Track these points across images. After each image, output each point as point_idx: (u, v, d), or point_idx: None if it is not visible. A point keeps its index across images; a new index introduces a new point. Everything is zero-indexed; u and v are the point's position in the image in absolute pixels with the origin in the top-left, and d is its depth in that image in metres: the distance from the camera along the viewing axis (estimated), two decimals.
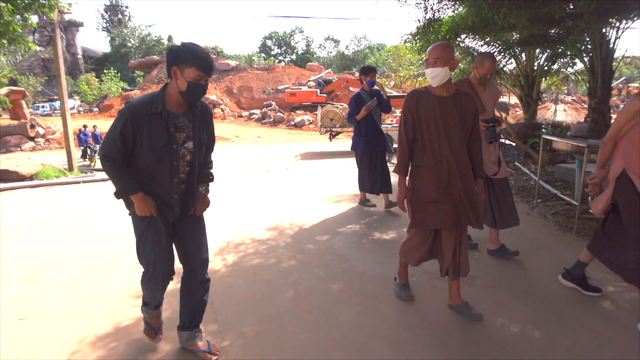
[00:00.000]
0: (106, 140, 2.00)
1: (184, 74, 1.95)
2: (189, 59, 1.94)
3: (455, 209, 2.49)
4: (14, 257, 3.99)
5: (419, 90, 2.57)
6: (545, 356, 2.22)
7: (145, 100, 2.00)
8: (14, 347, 2.41)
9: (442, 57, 2.40)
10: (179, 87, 1.98)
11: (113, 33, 50.18)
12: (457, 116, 2.47)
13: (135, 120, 1.95)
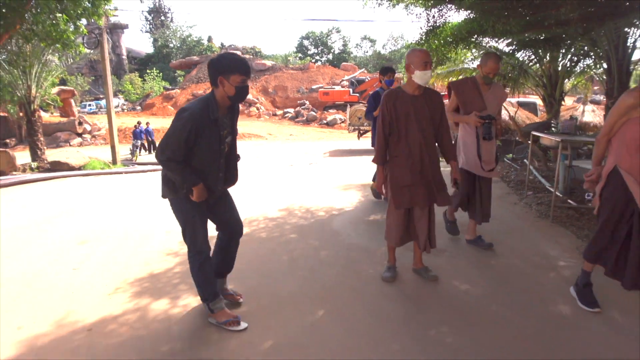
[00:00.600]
0: (170, 144, 2.32)
1: (230, 81, 2.33)
2: (232, 67, 2.33)
3: (428, 189, 3.00)
4: (67, 228, 4.91)
5: (395, 91, 3.05)
6: (480, 307, 2.79)
7: (204, 107, 2.35)
8: (69, 289, 3.24)
9: (429, 61, 2.89)
10: (227, 93, 2.36)
11: (156, 34, 52.77)
12: (428, 111, 2.98)
13: (198, 127, 2.32)
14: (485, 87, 3.53)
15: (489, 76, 3.47)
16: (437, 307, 2.83)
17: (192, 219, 2.53)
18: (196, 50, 49.20)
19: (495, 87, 3.61)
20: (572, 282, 2.95)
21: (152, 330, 2.61)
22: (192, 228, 2.54)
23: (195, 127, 2.30)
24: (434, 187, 3.01)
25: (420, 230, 3.09)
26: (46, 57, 11.81)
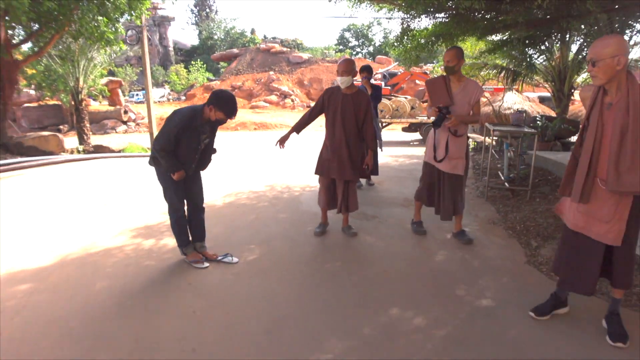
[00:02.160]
0: (163, 138, 3.17)
1: (215, 113, 3.15)
2: (222, 106, 3.13)
3: (341, 166, 3.98)
4: (99, 194, 6.35)
5: (332, 88, 4.06)
6: (371, 253, 3.82)
7: (191, 115, 3.17)
8: (94, 231, 4.58)
9: (347, 70, 3.77)
10: (210, 117, 3.19)
11: (201, 27, 55.39)
12: (352, 107, 3.92)
13: (183, 128, 3.16)
14: (457, 84, 3.71)
15: (449, 66, 3.65)
16: (344, 251, 3.90)
17: (170, 186, 3.41)
18: (239, 43, 51.22)
19: (469, 83, 3.73)
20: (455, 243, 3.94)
21: (139, 255, 3.88)
22: (170, 192, 3.44)
23: (182, 128, 3.15)
24: (347, 165, 3.97)
25: (338, 196, 4.13)
26: (92, 53, 13.60)
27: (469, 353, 2.39)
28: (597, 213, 2.40)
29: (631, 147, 2.20)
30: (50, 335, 2.68)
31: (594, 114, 2.37)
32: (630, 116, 2.19)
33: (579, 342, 2.48)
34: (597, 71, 2.22)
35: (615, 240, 2.34)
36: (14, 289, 3.30)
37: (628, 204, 2.29)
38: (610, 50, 2.16)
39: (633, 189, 2.21)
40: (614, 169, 2.24)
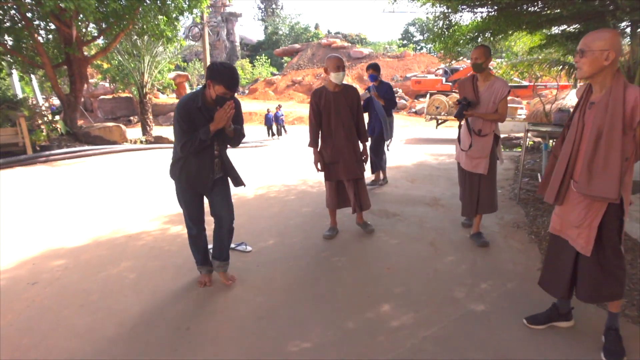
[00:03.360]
0: (177, 135, 2.75)
1: (214, 89, 2.64)
2: (219, 79, 2.61)
3: (347, 166, 3.95)
4: (143, 181, 6.85)
5: (319, 90, 3.87)
6: (389, 254, 3.84)
7: (191, 98, 2.73)
8: (128, 214, 5.00)
9: (341, 64, 3.81)
10: (211, 96, 2.71)
11: (267, 22, 56.84)
12: (346, 103, 3.90)
13: (187, 113, 2.68)
14: (484, 83, 3.65)
15: (477, 63, 3.56)
16: (353, 247, 3.96)
17: (182, 204, 3.06)
18: (303, 38, 51.98)
19: (496, 82, 3.62)
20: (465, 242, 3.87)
21: (163, 240, 4.20)
22: (184, 210, 3.08)
23: (186, 114, 2.69)
24: (353, 163, 3.95)
25: (349, 196, 4.10)
26: (156, 49, 14.53)
27: (445, 354, 2.38)
28: (568, 216, 2.31)
29: (604, 149, 2.08)
30: (71, 306, 3.03)
31: (577, 112, 2.27)
32: (607, 117, 2.08)
33: (570, 355, 2.37)
34: (583, 62, 2.11)
35: (585, 249, 2.23)
36: (50, 264, 3.74)
37: (599, 211, 2.17)
38: (602, 43, 2.05)
39: (603, 194, 2.10)
40: (587, 171, 2.14)
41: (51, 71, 9.80)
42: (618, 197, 2.12)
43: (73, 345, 2.56)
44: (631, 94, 2.05)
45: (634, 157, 2.17)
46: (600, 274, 2.28)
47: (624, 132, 2.08)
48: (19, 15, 8.94)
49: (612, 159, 2.09)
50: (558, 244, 2.48)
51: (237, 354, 2.44)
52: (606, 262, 2.27)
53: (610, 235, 2.23)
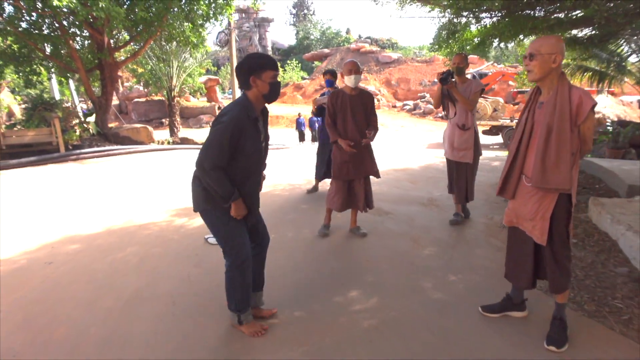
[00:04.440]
0: (212, 152, 2.27)
1: (263, 78, 2.35)
2: (263, 64, 2.36)
3: (360, 165, 4.19)
4: (160, 178, 7.34)
5: (337, 92, 4.26)
6: (371, 248, 4.10)
7: (242, 109, 2.34)
8: (146, 206, 5.46)
9: (355, 68, 4.02)
10: (261, 92, 2.37)
11: (298, 27, 57.73)
12: (360, 106, 4.17)
13: (240, 128, 2.29)
14: (462, 84, 4.31)
15: (459, 67, 4.26)
16: (340, 241, 4.23)
17: (229, 224, 2.49)
18: (334, 42, 52.49)
19: (472, 82, 4.33)
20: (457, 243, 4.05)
21: (168, 230, 4.61)
22: (231, 235, 2.51)
23: (238, 129, 2.29)
24: (367, 161, 4.20)
25: (359, 197, 4.28)
26: (184, 55, 15.24)
27: (396, 333, 2.63)
28: (521, 209, 2.51)
29: (555, 145, 2.28)
30: (79, 282, 3.45)
31: (526, 112, 2.48)
32: (556, 115, 2.28)
33: (515, 342, 2.55)
34: (533, 65, 2.32)
35: (540, 239, 2.42)
36: (66, 247, 4.21)
37: (551, 203, 2.36)
38: (550, 47, 2.26)
39: (556, 186, 2.30)
40: (540, 166, 2.33)
41: (84, 75, 10.55)
42: (571, 188, 2.33)
43: (75, 313, 2.97)
44: (575, 94, 2.27)
45: (578, 153, 2.38)
46: (554, 263, 2.48)
47: (571, 128, 2.29)
48: (56, 24, 9.70)
49: (563, 153, 2.29)
50: (517, 236, 2.67)
51: (214, 327, 2.77)
52: (557, 252, 2.46)
53: (559, 227, 2.43)
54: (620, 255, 3.68)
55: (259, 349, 2.52)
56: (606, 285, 3.20)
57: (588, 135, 2.30)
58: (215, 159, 2.28)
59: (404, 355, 2.43)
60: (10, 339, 2.68)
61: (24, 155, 8.88)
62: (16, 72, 10.39)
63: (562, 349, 2.46)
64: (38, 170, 8.23)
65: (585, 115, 2.22)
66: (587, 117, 2.24)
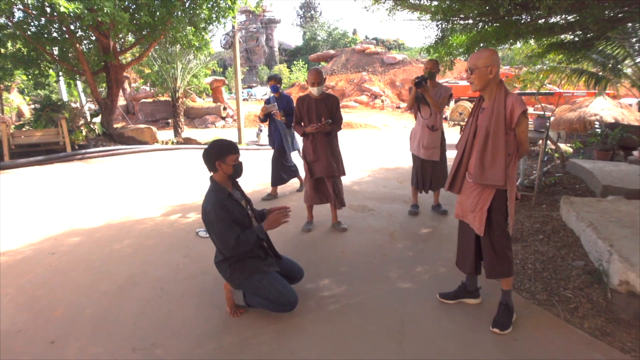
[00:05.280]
0: (224, 236, 2.70)
1: (227, 162, 2.77)
2: (226, 151, 2.77)
3: (326, 164, 4.49)
4: (160, 177, 7.70)
5: (303, 97, 4.44)
6: (349, 241, 4.40)
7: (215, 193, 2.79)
8: (144, 203, 5.81)
9: (318, 80, 4.34)
10: (226, 173, 2.81)
11: (305, 28, 58.13)
12: (325, 108, 4.44)
13: (223, 209, 2.71)
14: (433, 88, 4.73)
15: (432, 72, 4.65)
16: (321, 234, 4.53)
17: (265, 280, 2.89)
18: (341, 43, 52.78)
19: (441, 87, 4.79)
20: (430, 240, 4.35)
21: (163, 225, 4.96)
22: (274, 288, 2.85)
23: (222, 209, 2.72)
24: (331, 162, 4.50)
25: (329, 194, 4.62)
26: (188, 57, 15.63)
27: (357, 317, 2.93)
28: (465, 202, 2.81)
29: (492, 146, 2.58)
30: (78, 269, 3.81)
31: (471, 117, 2.78)
32: (492, 120, 2.57)
33: (465, 325, 2.83)
34: (474, 78, 2.62)
35: (479, 230, 2.72)
36: (68, 240, 4.57)
37: (489, 197, 2.66)
38: (484, 61, 2.55)
39: (492, 182, 2.60)
40: (479, 164, 2.64)
41: (91, 77, 10.96)
42: (505, 184, 2.61)
43: (73, 296, 3.31)
44: (509, 100, 2.56)
45: (516, 153, 2.67)
46: (492, 252, 2.77)
47: (506, 132, 2.58)
48: (64, 28, 10.11)
49: (498, 153, 2.59)
50: (463, 228, 2.98)
51: (196, 308, 3.10)
52: (495, 242, 2.75)
53: (497, 218, 2.71)
54: (581, 250, 3.94)
55: (232, 327, 2.84)
56: (561, 277, 3.47)
57: (523, 137, 2.60)
58: (229, 239, 2.71)
59: (360, 334, 2.74)
60: (14, 317, 3.03)
61: (32, 154, 9.31)
62: (25, 74, 10.82)
63: (505, 331, 2.74)
64: (45, 169, 8.65)
65: (517, 120, 2.51)
66: (520, 121, 2.53)
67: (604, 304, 3.05)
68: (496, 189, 2.64)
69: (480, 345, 2.61)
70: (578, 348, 2.58)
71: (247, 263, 2.90)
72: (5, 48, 9.89)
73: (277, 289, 2.86)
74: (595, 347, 2.59)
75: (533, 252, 3.95)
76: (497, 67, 2.56)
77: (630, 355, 2.52)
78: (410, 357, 2.50)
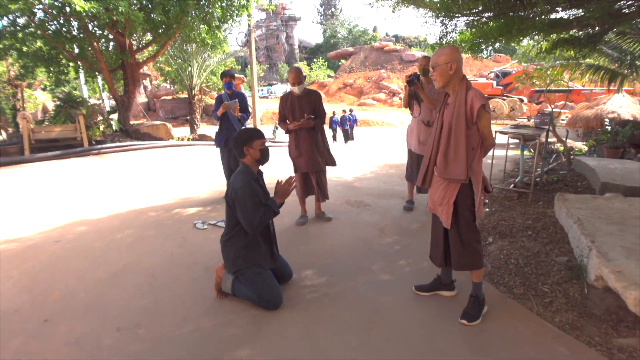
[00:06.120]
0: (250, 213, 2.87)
1: (254, 147, 2.97)
2: (252, 136, 2.98)
3: (310, 159, 4.60)
4: (169, 171, 7.94)
5: (286, 95, 4.61)
6: (339, 234, 4.50)
7: (246, 174, 2.97)
8: (149, 195, 6.04)
9: (298, 79, 4.46)
10: (254, 158, 3.01)
11: (325, 25, 58.16)
12: (308, 105, 4.57)
13: (251, 188, 2.90)
14: (427, 85, 4.72)
15: (426, 69, 4.70)
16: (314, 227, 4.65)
17: (261, 275, 3.04)
18: (361, 40, 52.66)
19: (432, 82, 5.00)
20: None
21: (164, 216, 5.17)
22: (266, 284, 3.01)
23: (253, 190, 2.93)
24: (315, 157, 4.61)
25: (314, 188, 4.77)
26: (204, 55, 15.93)
27: (331, 306, 3.04)
28: (434, 196, 2.88)
29: (454, 141, 2.65)
30: (79, 257, 4.03)
31: (438, 113, 2.84)
32: (454, 114, 2.64)
33: (435, 316, 2.90)
34: (436, 75, 2.68)
35: (446, 223, 2.78)
36: (74, 229, 4.82)
37: (454, 191, 2.72)
38: (445, 58, 2.61)
39: (456, 177, 2.66)
40: (443, 158, 2.71)
41: (108, 75, 11.34)
42: (467, 178, 2.67)
43: (70, 282, 3.52)
44: (470, 95, 2.61)
45: (480, 147, 2.72)
46: (460, 245, 2.83)
47: (468, 126, 2.64)
48: (82, 28, 10.49)
49: (460, 148, 2.65)
50: (435, 221, 3.05)
51: (184, 295, 3.26)
52: (463, 234, 2.81)
53: (464, 212, 2.78)
54: (567, 246, 3.94)
55: (212, 311, 3.00)
56: (542, 272, 3.50)
57: (485, 132, 2.65)
58: (254, 217, 2.89)
59: (332, 321, 2.85)
60: (15, 298, 3.26)
61: (51, 149, 9.72)
62: (46, 72, 11.26)
63: (473, 322, 2.80)
64: (61, 163, 9.03)
65: (477, 114, 2.57)
66: (480, 116, 2.58)
67: (579, 299, 3.08)
68: (461, 183, 2.71)
69: (446, 336, 2.68)
70: (544, 341, 2.63)
71: (252, 254, 3.05)
72: (27, 47, 10.32)
73: (269, 287, 3.01)
74: (562, 341, 2.63)
75: (519, 247, 3.98)
76: (457, 64, 2.60)
77: (595, 349, 2.56)
78: (376, 344, 2.60)
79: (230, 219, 3.06)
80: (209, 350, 2.57)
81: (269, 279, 3.05)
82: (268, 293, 2.98)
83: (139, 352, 2.57)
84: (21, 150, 9.48)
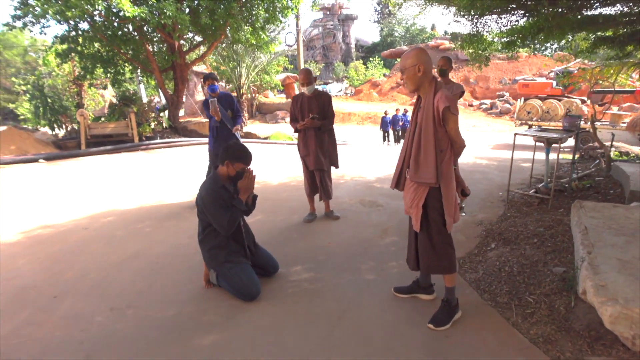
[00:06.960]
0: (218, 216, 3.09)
1: (233, 167, 3.15)
2: (240, 158, 3.14)
3: (316, 158, 4.71)
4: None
5: (298, 95, 4.74)
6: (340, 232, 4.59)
7: (212, 181, 3.19)
8: (176, 190, 6.44)
9: (308, 80, 4.55)
10: (228, 174, 3.20)
11: (382, 24, 57.58)
12: (317, 106, 4.66)
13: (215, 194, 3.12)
14: (445, 85, 4.61)
15: (443, 69, 4.83)
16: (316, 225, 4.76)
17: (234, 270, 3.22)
18: (419, 39, 51.59)
19: (453, 85, 4.76)
20: None
21: (177, 213, 5.50)
22: (239, 278, 3.18)
23: (217, 195, 3.13)
24: (320, 157, 4.71)
25: (318, 185, 4.87)
26: (253, 55, 16.44)
27: (308, 301, 3.15)
28: (405, 199, 2.88)
29: (424, 144, 2.64)
30: (100, 242, 4.45)
31: (413, 116, 2.83)
32: (424, 117, 2.63)
33: (405, 319, 2.91)
34: (405, 79, 2.68)
35: (416, 226, 2.79)
36: (103, 219, 5.30)
37: (423, 194, 2.70)
38: (411, 61, 2.59)
39: (425, 180, 2.65)
40: (414, 162, 2.71)
41: (159, 75, 12.07)
42: (437, 182, 2.65)
43: (85, 264, 3.91)
44: (437, 97, 2.58)
45: (450, 150, 2.69)
46: (429, 248, 2.82)
47: (436, 128, 2.63)
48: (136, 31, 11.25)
49: (429, 151, 2.64)
50: (410, 224, 3.04)
51: (179, 280, 3.52)
52: (432, 238, 2.80)
53: (433, 215, 2.76)
54: (569, 256, 3.76)
55: (196, 298, 3.23)
56: (532, 282, 3.38)
57: (452, 134, 2.61)
58: (222, 219, 3.10)
59: (303, 315, 2.96)
60: (36, 275, 3.70)
61: (105, 144, 10.55)
62: (104, 72, 12.20)
63: (440, 327, 2.78)
64: (112, 157, 9.79)
65: (441, 116, 2.55)
66: (446, 118, 2.55)
67: (563, 312, 2.96)
68: (430, 187, 2.69)
69: (407, 339, 2.69)
70: (508, 353, 2.56)
71: (220, 252, 3.24)
72: (87, 49, 11.23)
73: (243, 280, 3.17)
74: (528, 354, 2.55)
75: (518, 255, 3.86)
76: (424, 66, 2.56)
77: None
78: (336, 341, 2.68)
79: (202, 221, 3.29)
80: (184, 333, 2.78)
81: (243, 273, 3.20)
82: (241, 286, 3.16)
83: (122, 329, 2.84)
84: (78, 144, 10.37)
